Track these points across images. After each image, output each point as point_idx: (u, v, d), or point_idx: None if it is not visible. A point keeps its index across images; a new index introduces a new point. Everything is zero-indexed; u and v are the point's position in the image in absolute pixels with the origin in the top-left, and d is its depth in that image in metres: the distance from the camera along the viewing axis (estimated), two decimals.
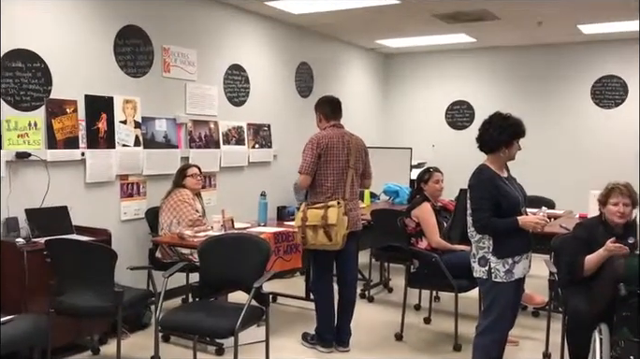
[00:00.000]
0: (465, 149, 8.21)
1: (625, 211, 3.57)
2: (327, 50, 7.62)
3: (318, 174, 4.13)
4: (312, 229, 4.06)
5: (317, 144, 4.13)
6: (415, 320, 4.97)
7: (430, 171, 4.67)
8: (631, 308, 2.88)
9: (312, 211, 4.08)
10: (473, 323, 4.67)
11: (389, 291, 5.94)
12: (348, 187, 4.15)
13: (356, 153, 4.21)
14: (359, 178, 4.28)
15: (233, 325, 3.21)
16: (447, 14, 6.26)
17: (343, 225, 4.02)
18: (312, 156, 4.11)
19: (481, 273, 3.32)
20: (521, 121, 3.36)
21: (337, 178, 4.13)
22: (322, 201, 4.10)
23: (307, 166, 4.13)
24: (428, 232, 4.49)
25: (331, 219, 4.00)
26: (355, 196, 4.25)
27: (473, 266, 3.38)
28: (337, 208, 4.02)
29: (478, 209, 3.26)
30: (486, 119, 3.42)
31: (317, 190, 4.16)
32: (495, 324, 3.33)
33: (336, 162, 4.13)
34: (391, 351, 4.36)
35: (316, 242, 4.06)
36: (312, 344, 4.34)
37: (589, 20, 6.49)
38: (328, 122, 4.27)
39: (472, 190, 3.32)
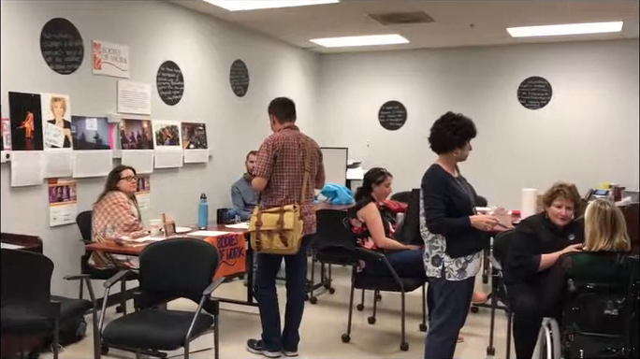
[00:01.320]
0: (398, 149, 8.41)
1: (567, 215, 3.68)
2: (262, 49, 7.50)
3: (274, 176, 4.02)
4: (266, 234, 3.95)
5: (273, 145, 4.01)
6: (360, 320, 4.95)
7: (384, 174, 4.65)
8: (580, 302, 2.95)
9: (266, 216, 3.97)
10: (417, 321, 4.78)
11: (331, 292, 5.92)
12: (304, 190, 4.06)
13: (312, 156, 4.13)
14: (314, 181, 4.21)
15: (183, 335, 3.07)
16: (384, 15, 6.29)
17: (299, 230, 3.94)
18: (268, 158, 3.99)
19: (435, 272, 3.33)
20: (472, 121, 3.39)
21: (293, 180, 4.04)
22: (277, 204, 4.00)
23: (262, 168, 4.00)
24: (374, 232, 4.47)
25: (288, 224, 3.90)
26: (310, 199, 4.17)
27: (427, 266, 3.38)
28: (293, 213, 3.93)
29: (431, 209, 3.26)
30: (438, 119, 3.42)
31: (272, 193, 4.04)
32: (448, 323, 3.35)
33: (292, 164, 4.04)
34: (340, 354, 4.31)
35: (272, 247, 3.96)
36: (258, 350, 4.23)
37: (517, 23, 6.71)
38: (282, 124, 4.17)
39: (426, 190, 3.32)
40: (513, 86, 7.98)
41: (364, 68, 8.74)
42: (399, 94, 8.58)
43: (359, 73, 8.77)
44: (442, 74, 8.32)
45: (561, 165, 7.39)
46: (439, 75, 8.34)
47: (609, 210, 3.06)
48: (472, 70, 8.14)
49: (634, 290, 2.84)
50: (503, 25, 6.79)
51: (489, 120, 7.92)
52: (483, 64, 8.09)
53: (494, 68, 8.05)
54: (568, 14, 6.15)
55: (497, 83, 8.04)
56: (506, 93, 8.01)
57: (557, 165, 7.42)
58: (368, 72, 8.73)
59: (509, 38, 7.41)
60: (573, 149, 7.66)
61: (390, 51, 8.47)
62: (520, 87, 7.95)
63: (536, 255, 3.60)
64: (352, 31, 7.22)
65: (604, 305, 2.90)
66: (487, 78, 8.08)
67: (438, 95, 8.29)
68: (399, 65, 8.55)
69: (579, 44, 7.57)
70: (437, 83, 8.36)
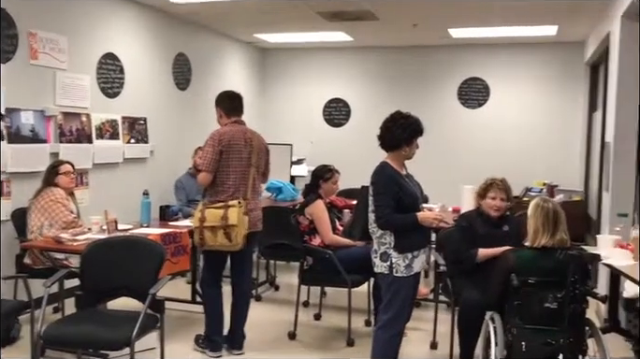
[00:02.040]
0: (342, 145, 8.47)
1: (500, 205, 3.87)
2: (205, 42, 7.38)
3: (219, 172, 3.95)
4: (210, 230, 3.88)
5: (219, 140, 3.94)
6: (306, 317, 4.96)
7: (332, 170, 4.67)
8: (522, 296, 3.05)
9: (210, 211, 3.90)
10: (363, 316, 4.83)
11: (276, 289, 5.89)
12: (250, 186, 4.02)
13: (259, 151, 4.09)
14: (261, 176, 4.17)
15: (129, 335, 2.98)
16: (330, 12, 6.31)
17: (244, 226, 3.89)
18: (214, 153, 3.92)
19: (383, 268, 3.37)
20: (420, 120, 3.45)
21: (239, 176, 3.98)
22: (222, 200, 3.94)
23: (208, 163, 3.92)
24: (321, 229, 4.49)
25: (232, 219, 3.84)
26: (256, 196, 4.12)
27: (375, 262, 3.41)
28: (238, 208, 3.87)
29: (381, 206, 3.31)
30: (387, 117, 3.46)
31: (218, 188, 3.98)
32: (395, 318, 3.40)
33: (238, 159, 3.98)
34: (286, 351, 4.31)
35: (215, 243, 3.90)
36: (202, 348, 4.17)
37: (458, 24, 6.88)
38: (229, 119, 4.11)
39: (375, 187, 3.36)
40: (453, 86, 8.19)
41: (308, 65, 8.75)
42: (343, 92, 8.64)
43: (304, 69, 8.77)
44: (385, 72, 8.43)
45: (499, 162, 7.61)
46: (382, 73, 8.45)
47: (551, 208, 3.18)
48: (414, 69, 8.29)
49: (573, 284, 2.96)
50: (445, 26, 6.94)
51: (431, 118, 7.97)
52: (425, 63, 8.25)
53: (435, 68, 8.23)
54: (506, 17, 6.36)
55: (438, 83, 8.23)
56: (447, 92, 8.21)
57: (495, 163, 7.62)
58: (312, 69, 8.74)
59: (450, 39, 7.58)
60: (510, 147, 7.93)
61: (335, 49, 8.51)
62: (460, 87, 8.16)
63: (474, 249, 3.76)
64: (297, 27, 7.21)
65: (545, 298, 3.01)
66: (429, 77, 8.25)
67: (381, 93, 8.40)
68: (343, 63, 8.61)
69: (516, 46, 7.84)
70: (380, 81, 8.46)
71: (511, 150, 7.90)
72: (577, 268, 2.98)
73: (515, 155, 7.84)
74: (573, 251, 3.14)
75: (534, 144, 7.88)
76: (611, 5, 5.21)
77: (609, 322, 4.34)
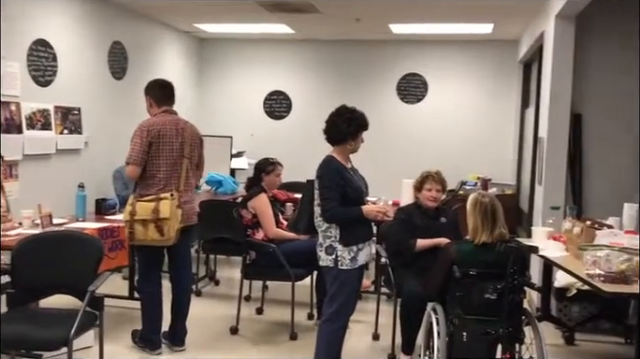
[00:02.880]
0: (283, 138, 8.43)
1: (437, 196, 4.06)
2: (142, 31, 7.16)
3: (149, 164, 3.84)
4: (141, 223, 3.77)
5: (148, 131, 3.82)
6: (247, 311, 4.92)
7: (274, 163, 4.62)
8: (463, 288, 3.13)
9: (141, 204, 3.79)
10: (305, 310, 4.84)
11: (216, 284, 5.81)
12: (182, 178, 3.92)
13: (192, 142, 3.99)
14: (194, 168, 4.07)
15: (66, 334, 2.87)
16: (271, 3, 6.24)
17: (177, 219, 3.79)
18: (142, 144, 3.80)
19: (328, 261, 3.38)
20: (365, 114, 3.48)
21: (170, 168, 3.88)
22: (153, 193, 3.82)
23: (136, 156, 3.80)
24: (265, 223, 4.45)
25: (164, 212, 3.75)
26: (190, 188, 4.02)
27: (320, 255, 3.42)
28: (170, 201, 3.78)
29: (326, 199, 3.32)
30: (333, 111, 3.47)
31: (148, 181, 3.86)
32: (340, 311, 3.42)
33: (169, 151, 3.87)
34: (229, 345, 4.26)
35: (146, 238, 3.79)
36: (140, 346, 4.06)
37: (399, 20, 6.96)
38: (160, 108, 3.99)
39: (321, 180, 3.37)
40: (392, 81, 8.29)
41: (249, 56, 8.65)
42: (284, 84, 8.59)
43: (244, 61, 8.66)
44: (327, 66, 8.45)
45: (436, 156, 7.77)
46: (324, 66, 8.46)
47: (489, 203, 3.26)
48: (355, 63, 8.34)
49: (512, 275, 3.06)
50: (386, 21, 7.01)
51: (370, 112, 7.88)
52: (366, 58, 8.31)
53: (376, 63, 8.31)
54: (444, 14, 6.48)
55: (378, 77, 8.31)
56: (386, 87, 8.30)
57: (432, 157, 7.77)
58: (253, 60, 8.64)
59: (391, 34, 7.67)
60: (446, 142, 8.12)
61: (276, 41, 8.44)
62: (399, 82, 8.28)
63: (413, 239, 3.90)
64: (238, 17, 7.10)
65: (485, 289, 3.09)
66: (370, 71, 8.32)
67: (322, 87, 8.41)
68: (284, 55, 8.56)
69: (454, 43, 8.02)
70: (322, 75, 8.47)
71: (448, 145, 8.08)
72: (516, 260, 3.08)
73: (451, 150, 8.03)
74: (511, 243, 3.24)
75: (470, 139, 8.09)
76: (545, 5, 5.40)
77: (542, 311, 4.52)
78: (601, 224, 3.88)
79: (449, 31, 7.36)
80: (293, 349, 4.25)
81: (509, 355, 3.10)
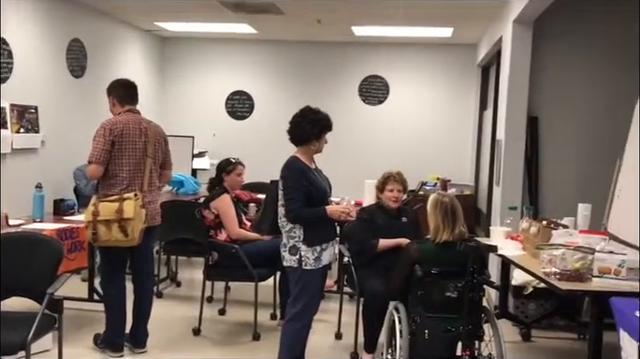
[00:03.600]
0: (246, 138, 8.40)
1: (398, 197, 4.13)
2: (101, 28, 7.03)
3: (112, 163, 3.79)
4: (104, 224, 3.71)
5: (110, 130, 3.78)
6: (210, 312, 4.89)
7: (234, 163, 4.61)
8: (425, 287, 3.19)
9: (104, 205, 3.73)
10: (268, 310, 4.84)
11: (178, 285, 5.76)
12: (146, 178, 3.88)
13: (155, 141, 3.95)
14: (158, 168, 4.03)
15: (24, 338, 2.81)
16: (234, 3, 6.22)
17: (141, 219, 3.76)
18: (105, 143, 3.75)
19: (292, 262, 3.40)
20: (329, 115, 3.51)
21: (133, 167, 3.83)
22: (116, 193, 3.78)
23: (98, 155, 3.75)
24: (227, 223, 4.44)
25: (127, 213, 3.70)
26: (153, 188, 3.98)
27: (284, 256, 3.43)
28: (134, 201, 3.73)
29: (291, 200, 3.34)
30: (297, 112, 3.50)
31: (111, 181, 3.81)
32: (304, 311, 3.44)
33: (132, 150, 3.83)
34: (191, 347, 4.23)
35: (110, 238, 3.73)
36: (101, 348, 4.00)
37: (361, 22, 7.03)
38: (123, 107, 3.95)
39: (285, 181, 3.38)
40: (354, 82, 8.37)
41: (211, 56, 8.59)
42: (246, 84, 8.57)
43: (206, 60, 8.60)
44: (289, 66, 8.46)
45: (397, 157, 7.85)
46: (287, 67, 8.47)
47: (449, 203, 3.33)
48: (318, 65, 8.38)
49: (472, 274, 3.13)
50: (349, 23, 7.07)
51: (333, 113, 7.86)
52: (328, 59, 8.36)
53: (338, 64, 8.36)
54: (405, 17, 6.57)
55: (341, 79, 8.37)
56: (349, 88, 8.37)
57: (393, 158, 7.85)
58: (215, 60, 8.59)
59: (353, 36, 7.73)
60: (407, 143, 8.23)
61: (239, 40, 8.41)
62: (361, 84, 8.36)
63: (375, 239, 3.96)
64: (200, 16, 7.04)
65: (446, 288, 3.16)
66: (332, 73, 8.37)
67: (285, 87, 8.42)
68: (247, 55, 8.53)
69: (415, 46, 8.14)
70: (285, 75, 8.48)
71: (408, 146, 8.20)
72: (476, 259, 3.15)
73: (412, 150, 8.14)
74: (471, 242, 3.32)
75: (430, 140, 8.23)
76: (504, 10, 5.54)
77: (500, 308, 4.64)
78: (556, 224, 4.00)
79: (410, 34, 7.47)
80: (256, 349, 4.24)
81: (469, 352, 3.17)
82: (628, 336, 2.37)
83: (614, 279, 3.04)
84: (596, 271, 3.09)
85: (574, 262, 3.18)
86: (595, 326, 3.12)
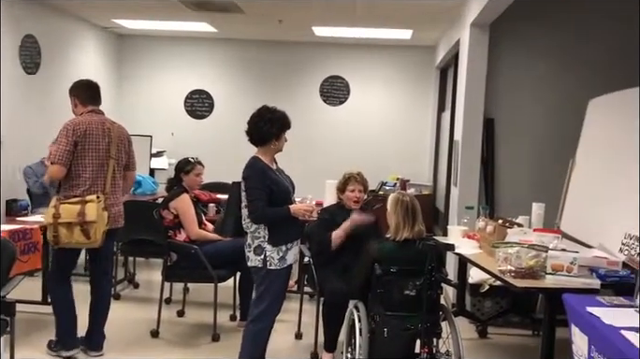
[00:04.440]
0: (205, 138, 8.32)
1: (359, 197, 4.15)
2: (56, 24, 6.86)
3: (75, 164, 3.72)
4: (66, 227, 3.64)
5: (73, 131, 3.71)
6: (168, 314, 4.83)
7: (193, 162, 4.55)
8: (384, 285, 3.22)
9: (66, 207, 3.66)
10: (228, 311, 4.81)
11: (135, 286, 5.66)
12: (109, 179, 3.81)
13: (119, 142, 3.89)
14: (122, 169, 3.96)
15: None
16: (194, 1, 6.16)
17: (103, 222, 3.69)
18: (68, 144, 3.69)
19: (256, 262, 3.39)
20: (286, 113, 3.52)
21: (96, 169, 3.77)
22: (78, 194, 3.71)
23: (61, 156, 3.68)
24: (187, 224, 4.39)
25: (90, 215, 3.64)
26: (117, 189, 3.91)
27: (249, 256, 3.43)
28: (96, 204, 3.67)
29: (254, 200, 3.32)
30: (254, 112, 3.49)
31: (73, 182, 3.74)
32: (267, 312, 3.43)
33: (95, 151, 3.77)
34: (149, 349, 4.17)
35: (72, 241, 3.67)
36: (55, 351, 3.91)
37: (321, 23, 7.05)
38: (85, 108, 3.88)
39: (247, 181, 3.37)
40: (315, 83, 8.39)
41: (170, 54, 8.48)
42: (206, 83, 8.49)
43: (165, 59, 8.49)
44: (250, 66, 8.42)
45: (358, 158, 7.91)
46: (247, 66, 8.43)
47: (409, 202, 3.38)
48: (279, 64, 8.36)
49: (430, 272, 3.18)
50: (309, 24, 7.08)
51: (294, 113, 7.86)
52: (290, 59, 8.36)
53: (300, 64, 8.37)
54: (366, 19, 6.63)
55: (302, 79, 8.38)
56: (310, 89, 8.39)
57: (354, 159, 7.90)
58: (174, 58, 8.49)
59: (314, 37, 7.75)
60: (367, 144, 8.30)
61: (199, 39, 8.34)
62: (322, 84, 8.39)
63: (327, 234, 3.97)
64: (159, 14, 6.95)
65: (405, 286, 3.19)
66: (293, 73, 8.38)
67: (246, 87, 8.39)
68: (207, 54, 8.46)
69: (375, 48, 8.21)
70: (245, 75, 8.44)
71: (369, 146, 8.26)
72: (434, 257, 3.20)
73: (372, 151, 8.21)
74: (429, 241, 3.37)
75: (389, 141, 8.31)
76: (461, 13, 5.64)
77: (457, 306, 4.72)
78: (511, 223, 4.09)
79: (370, 35, 7.53)
80: (215, 350, 4.21)
81: (427, 350, 3.21)
82: (579, 331, 2.45)
83: (566, 276, 3.13)
84: (549, 269, 3.17)
85: (528, 260, 3.26)
86: (548, 322, 3.20)
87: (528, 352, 4.36)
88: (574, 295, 2.70)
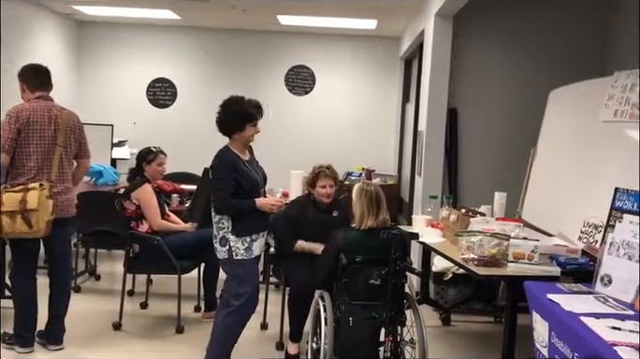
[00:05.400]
0: (168, 127, 8.19)
1: (330, 192, 4.06)
2: (14, 10, 6.62)
3: (19, 152, 3.62)
4: (8, 215, 3.53)
5: (16, 118, 3.61)
6: (131, 306, 4.76)
7: (155, 152, 4.46)
8: (350, 274, 3.23)
9: (8, 195, 3.55)
10: (192, 302, 4.77)
11: (97, 279, 5.55)
12: (55, 167, 3.70)
13: (67, 130, 3.77)
14: (71, 157, 3.86)
15: None
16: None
17: (47, 210, 3.57)
18: (11, 132, 3.59)
19: (223, 253, 3.38)
20: (258, 102, 3.48)
21: (42, 156, 3.67)
22: (23, 182, 3.61)
23: (3, 143, 3.58)
24: (149, 214, 4.32)
25: (31, 203, 3.53)
26: (65, 178, 3.80)
27: (216, 247, 3.42)
28: (39, 191, 3.56)
29: (219, 190, 3.30)
30: (222, 102, 3.45)
31: (18, 170, 3.64)
32: (243, 304, 3.40)
33: (39, 138, 3.66)
34: (111, 342, 4.10)
35: (14, 230, 3.55)
36: (9, 345, 3.81)
37: (286, 11, 6.99)
38: (33, 94, 3.77)
39: (214, 171, 3.35)
40: (281, 72, 8.33)
41: (132, 42, 8.30)
42: (169, 72, 8.35)
43: (127, 46, 8.30)
44: (214, 55, 8.31)
45: (324, 148, 7.93)
46: (211, 55, 8.31)
47: (374, 191, 3.39)
48: (244, 53, 8.27)
49: (394, 261, 3.20)
50: (274, 12, 7.01)
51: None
52: (255, 48, 8.27)
53: (265, 53, 8.29)
54: (331, 8, 6.60)
55: (267, 68, 8.31)
56: (275, 78, 8.32)
57: (320, 149, 7.93)
58: (136, 46, 8.31)
59: (279, 25, 7.68)
60: (333, 134, 8.29)
61: (162, 27, 8.18)
62: (287, 73, 8.33)
63: (292, 240, 3.91)
64: (120, 1, 6.78)
65: (370, 275, 3.21)
66: (259, 62, 8.30)
67: (210, 75, 8.27)
68: (170, 42, 8.31)
69: (340, 37, 8.19)
70: (209, 63, 8.32)
71: (334, 137, 8.26)
72: (398, 246, 3.22)
73: (337, 141, 8.21)
74: (394, 230, 3.39)
75: (355, 131, 8.32)
76: (426, 3, 5.66)
77: (421, 294, 4.77)
78: (474, 212, 4.15)
79: (335, 25, 7.50)
80: (179, 342, 4.16)
81: (392, 338, 3.24)
82: (540, 317, 2.49)
83: (527, 264, 3.18)
84: (511, 257, 3.22)
85: (490, 248, 3.31)
86: (510, 309, 3.25)
87: (490, 339, 4.44)
88: (534, 283, 2.75)
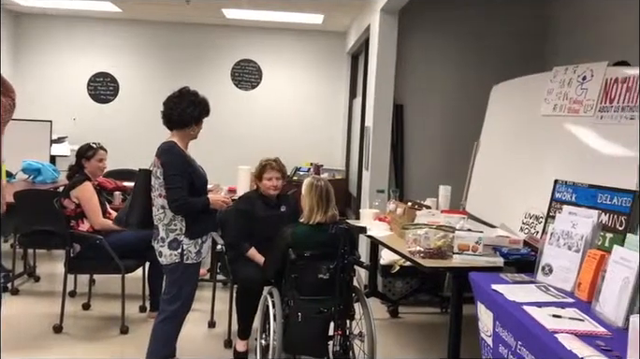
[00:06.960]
0: (110, 123, 7.96)
1: (277, 184, 4.01)
2: None
3: None
4: None
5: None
6: (73, 308, 4.61)
7: (94, 148, 4.31)
8: (298, 270, 3.21)
9: None
10: (137, 302, 4.65)
11: (36, 280, 5.35)
12: None
13: None
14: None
15: None
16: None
17: None
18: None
19: (173, 257, 3.20)
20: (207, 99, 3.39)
21: None
22: None
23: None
24: (90, 213, 4.18)
25: None
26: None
27: (162, 251, 3.23)
28: None
29: (174, 189, 3.12)
30: (174, 93, 3.28)
31: None
32: (182, 308, 3.31)
33: None
34: (52, 345, 3.94)
35: None
36: None
37: (231, 5, 6.89)
38: None
39: (167, 168, 3.14)
40: (226, 66, 8.21)
41: (72, 35, 8.01)
42: (110, 66, 8.10)
43: (66, 39, 8.01)
44: (157, 48, 8.12)
45: (271, 143, 7.90)
46: (154, 49, 8.12)
47: (323, 186, 3.39)
48: (188, 47, 8.12)
49: (343, 255, 3.20)
50: (219, 5, 6.91)
51: None
52: (199, 42, 8.13)
53: (210, 47, 8.16)
54: (276, 2, 6.54)
55: (212, 62, 8.18)
56: (220, 72, 8.20)
57: (267, 144, 7.90)
58: (76, 39, 8.03)
59: (224, 19, 7.57)
60: (281, 129, 8.25)
61: (102, 19, 7.93)
62: (234, 68, 8.23)
63: (247, 244, 3.84)
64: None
65: (319, 270, 3.20)
66: (203, 56, 8.16)
67: (153, 70, 8.09)
68: (111, 36, 8.06)
69: (287, 32, 8.14)
70: (152, 58, 8.12)
71: (282, 132, 8.22)
72: (347, 240, 3.23)
73: (285, 136, 8.18)
74: (342, 224, 3.39)
75: (302, 126, 8.30)
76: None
77: (369, 287, 4.81)
78: (420, 205, 4.20)
79: (282, 19, 7.45)
80: (124, 343, 4.05)
81: (341, 332, 3.25)
82: (484, 307, 2.54)
83: (472, 255, 3.24)
84: (456, 248, 3.27)
85: (436, 240, 3.35)
86: (456, 300, 3.31)
87: (437, 329, 4.51)
88: (479, 274, 2.80)
